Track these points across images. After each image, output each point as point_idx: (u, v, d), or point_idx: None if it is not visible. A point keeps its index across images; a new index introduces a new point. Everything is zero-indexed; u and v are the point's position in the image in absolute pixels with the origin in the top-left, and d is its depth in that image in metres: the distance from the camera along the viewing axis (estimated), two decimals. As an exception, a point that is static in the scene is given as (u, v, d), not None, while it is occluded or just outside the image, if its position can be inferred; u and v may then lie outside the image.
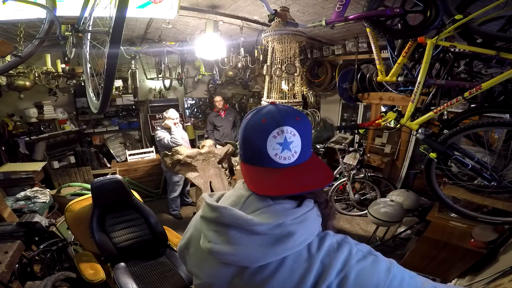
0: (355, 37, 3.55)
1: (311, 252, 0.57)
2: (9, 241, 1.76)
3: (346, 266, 0.55)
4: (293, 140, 0.60)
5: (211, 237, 0.60)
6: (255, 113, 0.64)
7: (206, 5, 2.52)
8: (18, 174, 2.89)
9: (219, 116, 4.66)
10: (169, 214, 3.97)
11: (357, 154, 3.61)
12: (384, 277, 0.54)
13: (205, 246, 0.60)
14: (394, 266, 0.57)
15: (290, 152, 0.60)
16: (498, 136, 2.25)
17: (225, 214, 0.59)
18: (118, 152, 4.58)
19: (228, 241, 0.57)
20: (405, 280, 0.55)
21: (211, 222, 0.62)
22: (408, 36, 1.81)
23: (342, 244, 0.59)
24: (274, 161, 0.60)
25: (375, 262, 0.56)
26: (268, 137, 0.60)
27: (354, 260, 0.56)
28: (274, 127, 0.60)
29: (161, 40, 3.51)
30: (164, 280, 1.99)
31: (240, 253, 0.56)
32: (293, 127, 0.60)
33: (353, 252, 0.57)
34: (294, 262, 0.56)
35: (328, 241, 0.59)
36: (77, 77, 3.56)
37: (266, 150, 0.60)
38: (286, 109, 0.64)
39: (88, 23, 1.43)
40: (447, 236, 2.02)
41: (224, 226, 0.59)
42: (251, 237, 0.56)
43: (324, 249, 0.58)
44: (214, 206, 0.61)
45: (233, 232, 0.57)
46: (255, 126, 0.62)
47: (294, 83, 2.62)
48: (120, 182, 2.26)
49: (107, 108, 3.86)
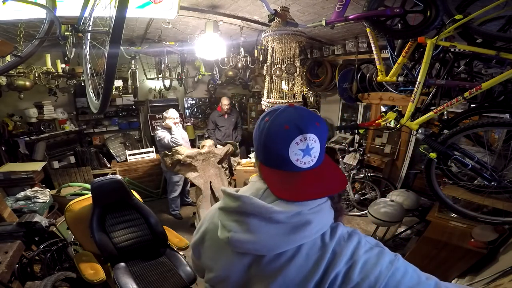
0: (355, 37, 3.55)
1: (324, 241, 0.61)
2: (9, 241, 1.76)
3: (355, 256, 0.58)
4: (314, 146, 0.63)
5: (231, 227, 0.62)
6: (275, 117, 0.64)
7: (206, 5, 2.52)
8: (18, 174, 2.89)
9: (222, 117, 4.66)
10: (169, 214, 3.97)
11: (357, 154, 3.62)
12: (386, 269, 0.56)
13: (224, 236, 0.62)
14: (399, 259, 0.59)
15: (310, 157, 0.63)
16: (498, 136, 2.25)
17: (247, 202, 0.61)
18: (118, 152, 4.58)
19: (248, 230, 0.60)
20: (408, 273, 0.57)
21: (231, 212, 0.64)
22: (408, 36, 1.81)
23: (352, 235, 0.63)
24: (295, 166, 0.63)
25: (380, 254, 0.59)
26: (290, 143, 0.61)
27: (362, 251, 0.59)
28: (297, 134, 0.61)
29: (161, 40, 3.50)
30: (164, 280, 1.99)
31: (259, 241, 0.59)
32: (314, 134, 0.63)
33: (362, 243, 0.61)
34: (310, 249, 0.60)
35: (340, 231, 0.63)
36: (77, 77, 3.56)
37: (288, 155, 0.62)
38: (307, 114, 0.65)
39: (88, 23, 1.43)
40: (447, 236, 2.02)
41: (245, 215, 0.61)
42: (270, 225, 0.59)
43: (336, 238, 0.61)
44: (236, 195, 0.63)
45: (253, 221, 0.60)
46: (277, 132, 0.63)
47: (294, 83, 2.62)
48: (120, 182, 2.26)
49: (107, 108, 3.86)
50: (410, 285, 0.56)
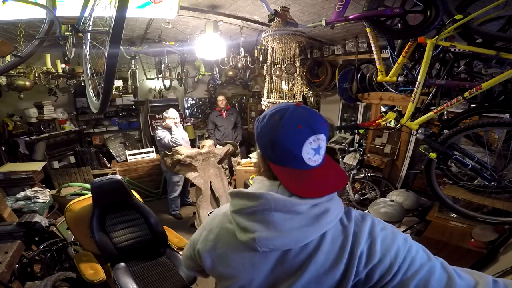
0: (355, 37, 3.55)
1: (344, 224, 0.65)
2: (9, 241, 1.76)
3: (372, 233, 0.63)
4: (323, 146, 0.67)
5: (254, 227, 0.62)
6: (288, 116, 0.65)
7: (206, 5, 2.52)
8: (18, 174, 2.89)
9: (220, 116, 4.66)
10: (169, 214, 3.97)
11: (357, 154, 3.61)
12: (403, 244, 0.62)
13: (248, 238, 0.62)
14: (410, 238, 0.65)
15: (319, 155, 0.66)
16: (498, 136, 2.25)
17: (269, 198, 0.62)
18: (118, 152, 4.58)
19: (273, 226, 0.61)
20: (419, 251, 0.63)
21: (251, 213, 0.64)
22: (408, 36, 1.81)
23: (365, 216, 0.68)
24: (306, 164, 0.65)
25: (394, 232, 0.65)
26: (304, 143, 0.63)
27: (378, 228, 0.64)
28: (311, 134, 0.64)
29: (161, 40, 3.50)
30: (164, 280, 1.99)
31: (286, 235, 0.60)
32: (324, 134, 0.66)
33: (376, 222, 0.66)
34: (334, 234, 0.64)
35: (353, 213, 0.68)
36: (77, 77, 3.56)
37: (301, 154, 0.64)
38: (316, 115, 0.68)
39: (88, 23, 1.43)
40: (447, 236, 2.03)
41: (267, 211, 0.62)
42: (294, 218, 0.61)
43: (353, 220, 0.66)
44: (257, 194, 0.63)
45: (277, 216, 0.61)
46: (291, 131, 0.64)
47: (294, 83, 2.62)
48: (120, 182, 2.26)
49: (107, 108, 3.85)
50: (422, 261, 0.61)
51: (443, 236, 2.02)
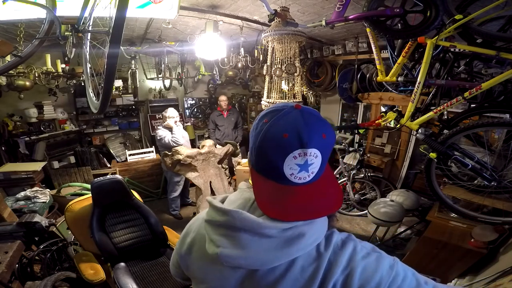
0: (355, 37, 3.55)
1: (319, 251, 0.58)
2: (9, 241, 1.76)
3: (351, 262, 0.56)
4: (314, 162, 0.56)
5: (220, 241, 0.58)
6: (276, 120, 0.56)
7: (206, 5, 2.52)
8: (18, 174, 2.88)
9: (221, 116, 4.66)
10: (169, 214, 3.97)
11: (357, 154, 3.61)
12: (387, 274, 0.55)
13: (213, 251, 0.58)
14: (398, 263, 0.57)
15: (307, 173, 0.56)
16: (498, 136, 2.25)
17: (237, 217, 0.56)
18: (118, 152, 4.58)
19: (238, 245, 0.56)
20: (407, 277, 0.56)
21: (219, 226, 0.59)
22: (408, 36, 1.81)
23: (346, 242, 0.60)
24: (288, 180, 0.57)
25: (379, 259, 0.57)
26: (287, 156, 0.54)
27: (359, 257, 0.57)
28: (297, 147, 0.54)
29: (161, 40, 3.50)
30: (164, 280, 1.99)
31: (250, 256, 0.55)
32: (317, 148, 0.55)
33: (358, 249, 0.58)
34: (304, 262, 0.57)
35: (334, 239, 0.60)
36: (77, 77, 3.56)
37: (282, 168, 0.55)
38: (314, 123, 0.56)
39: (88, 23, 1.43)
40: (447, 236, 2.02)
41: (234, 229, 0.57)
42: (262, 240, 0.55)
43: (331, 247, 0.58)
44: (225, 210, 0.58)
45: (243, 236, 0.56)
46: (274, 139, 0.55)
47: (294, 83, 2.62)
48: (120, 182, 2.26)
49: (107, 108, 3.85)
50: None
51: (443, 236, 2.02)
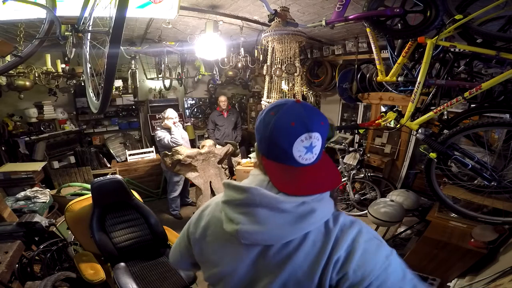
0: (355, 37, 3.55)
1: (328, 227, 0.65)
2: (9, 241, 1.76)
3: (355, 243, 0.62)
4: (316, 145, 0.65)
5: (239, 219, 0.63)
6: (283, 112, 0.64)
7: (206, 5, 2.52)
8: (18, 174, 2.88)
9: (221, 116, 4.66)
10: (169, 214, 3.97)
11: (357, 154, 3.61)
12: (382, 262, 0.60)
13: (232, 228, 0.63)
14: (394, 255, 0.63)
15: (312, 154, 0.65)
16: (498, 136, 2.25)
17: (256, 193, 0.63)
18: (118, 152, 4.58)
19: (256, 221, 0.62)
20: (396, 271, 0.61)
21: (238, 205, 0.65)
22: (408, 36, 1.81)
23: (354, 223, 0.67)
24: (296, 161, 0.64)
25: (379, 247, 0.63)
26: (296, 140, 0.62)
27: (362, 239, 0.62)
28: (303, 132, 0.62)
29: (161, 40, 3.51)
30: (164, 280, 1.99)
31: (268, 231, 0.61)
32: (319, 133, 0.64)
33: (363, 232, 0.64)
34: (316, 236, 0.63)
35: (342, 218, 0.67)
36: (77, 77, 3.56)
37: (292, 151, 0.63)
38: (313, 113, 0.66)
39: (88, 23, 1.43)
40: (447, 236, 2.02)
41: (253, 206, 0.63)
42: (278, 215, 0.61)
43: (339, 225, 0.65)
44: (244, 187, 0.65)
45: (261, 212, 0.62)
46: (283, 128, 0.63)
47: (294, 83, 2.63)
48: (120, 182, 2.26)
49: (107, 108, 3.85)
50: (394, 281, 0.59)
51: (443, 236, 2.02)
